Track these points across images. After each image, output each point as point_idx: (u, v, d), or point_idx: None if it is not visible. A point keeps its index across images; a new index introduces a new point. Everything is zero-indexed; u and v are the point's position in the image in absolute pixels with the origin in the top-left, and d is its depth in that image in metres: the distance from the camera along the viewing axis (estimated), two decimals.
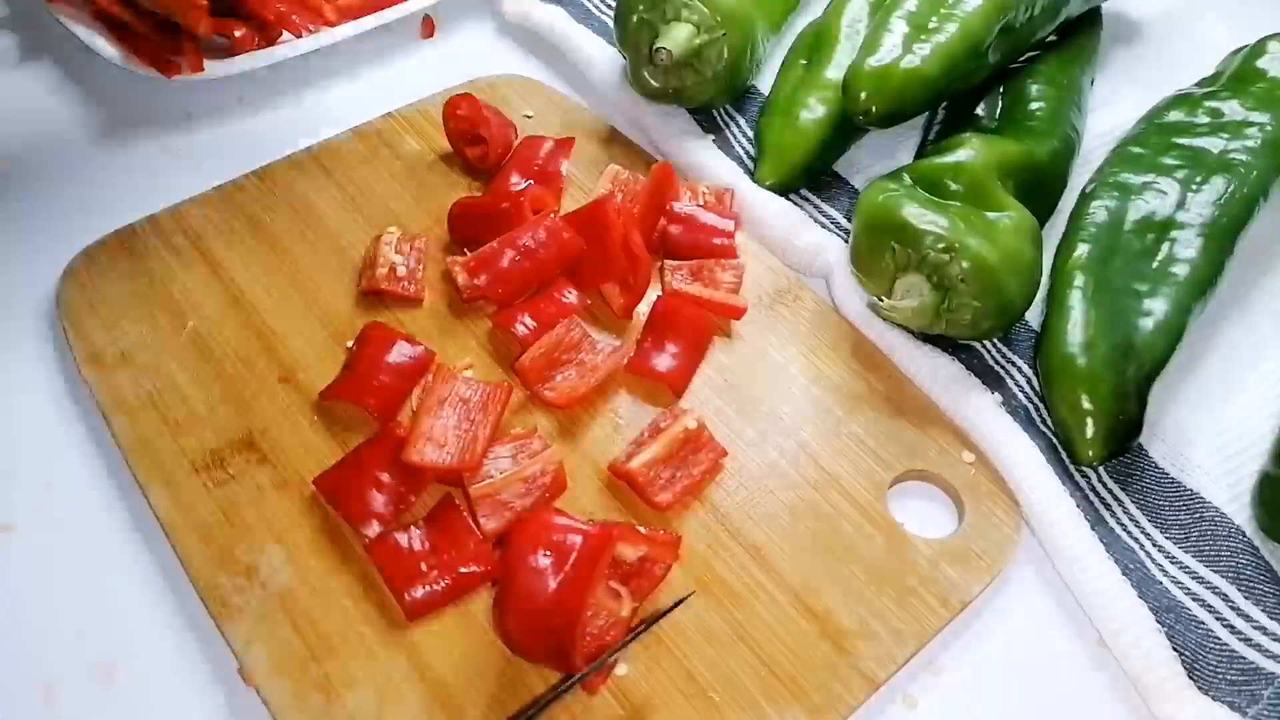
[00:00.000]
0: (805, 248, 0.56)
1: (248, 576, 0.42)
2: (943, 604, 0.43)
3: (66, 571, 0.44)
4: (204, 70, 0.61)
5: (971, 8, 0.53)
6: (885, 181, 0.50)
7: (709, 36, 0.58)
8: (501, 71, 0.66)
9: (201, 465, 0.45)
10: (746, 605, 0.42)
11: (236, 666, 0.40)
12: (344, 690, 0.39)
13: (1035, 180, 0.53)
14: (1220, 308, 0.54)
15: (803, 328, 0.53)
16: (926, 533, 0.45)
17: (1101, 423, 0.45)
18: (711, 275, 0.53)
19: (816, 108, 0.58)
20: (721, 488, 0.46)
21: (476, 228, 0.53)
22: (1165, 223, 0.51)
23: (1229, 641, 0.42)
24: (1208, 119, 0.56)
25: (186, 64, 0.61)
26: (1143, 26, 0.72)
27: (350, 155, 0.60)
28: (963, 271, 0.47)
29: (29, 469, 0.47)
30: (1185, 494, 0.47)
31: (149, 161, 0.61)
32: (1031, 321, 0.53)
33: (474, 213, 0.54)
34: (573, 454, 0.46)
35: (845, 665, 0.41)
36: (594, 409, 0.48)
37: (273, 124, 0.64)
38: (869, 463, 0.47)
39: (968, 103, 0.58)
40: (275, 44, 0.64)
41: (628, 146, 0.62)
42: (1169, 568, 0.44)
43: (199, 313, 0.51)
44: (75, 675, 0.41)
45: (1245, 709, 0.40)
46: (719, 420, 0.48)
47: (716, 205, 0.57)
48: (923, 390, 0.50)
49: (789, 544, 0.44)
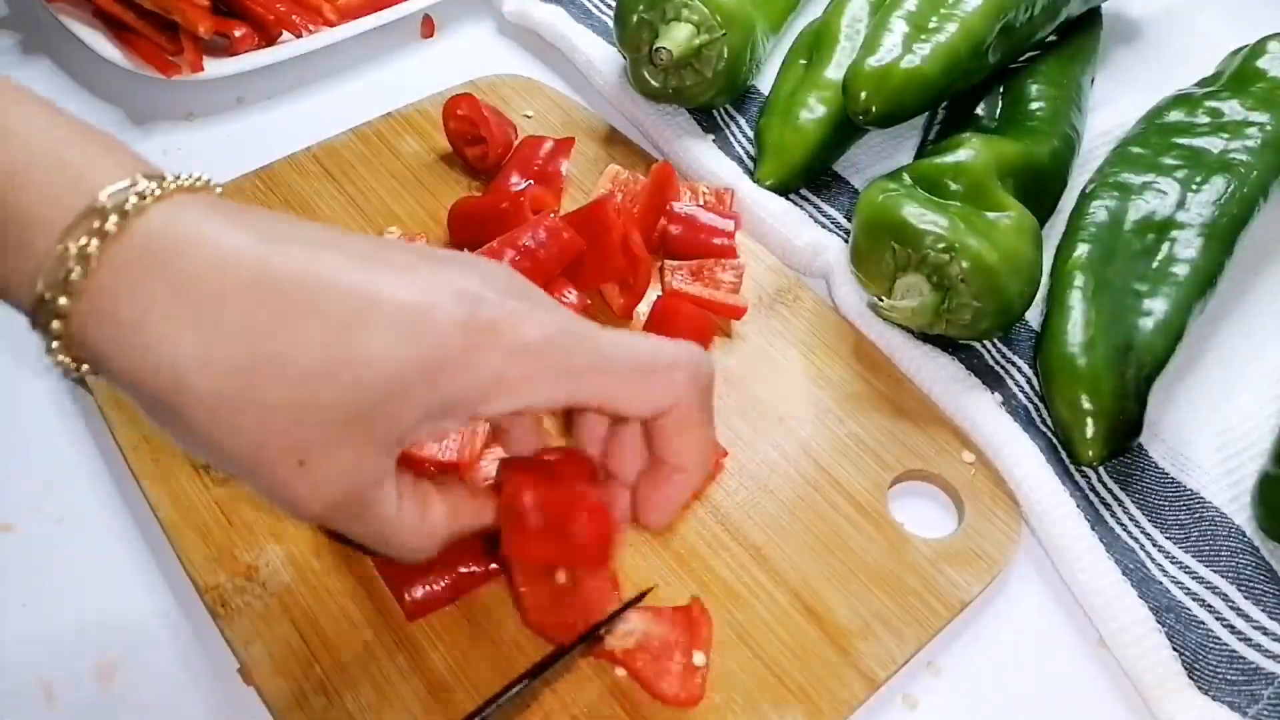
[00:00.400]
0: (805, 248, 0.56)
1: (248, 576, 0.42)
2: (943, 604, 0.43)
3: (66, 571, 0.44)
4: (204, 70, 0.61)
5: (971, 8, 0.53)
6: (885, 181, 0.50)
7: (709, 36, 0.58)
8: (501, 71, 0.66)
9: (201, 465, 0.45)
10: (746, 605, 0.42)
11: (237, 666, 0.40)
12: (344, 690, 0.39)
13: (1035, 180, 0.53)
14: (1220, 308, 0.54)
15: (803, 328, 0.53)
16: (926, 533, 0.45)
17: (1101, 423, 0.45)
18: (712, 275, 0.53)
19: (816, 108, 0.58)
20: (721, 488, 0.46)
21: (476, 228, 0.53)
22: (1165, 223, 0.51)
23: (1229, 641, 0.42)
24: (1208, 119, 0.56)
25: (186, 64, 0.61)
26: (1143, 26, 0.72)
27: (350, 155, 0.60)
28: (963, 271, 0.47)
29: (29, 469, 0.47)
30: (1185, 494, 0.47)
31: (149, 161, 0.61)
32: (1031, 321, 0.53)
33: (474, 213, 0.54)
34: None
35: (845, 665, 0.41)
36: None
37: (273, 124, 0.64)
38: (869, 463, 0.47)
39: (968, 103, 0.58)
40: (275, 44, 0.64)
41: (628, 146, 0.62)
42: (1169, 568, 0.44)
43: None
44: (75, 675, 0.41)
45: (1245, 709, 0.40)
46: (719, 420, 0.48)
47: (716, 205, 0.57)
48: (923, 390, 0.51)
49: (789, 544, 0.44)
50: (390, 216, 0.56)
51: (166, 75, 0.60)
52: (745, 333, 0.52)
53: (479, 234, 0.52)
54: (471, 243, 0.52)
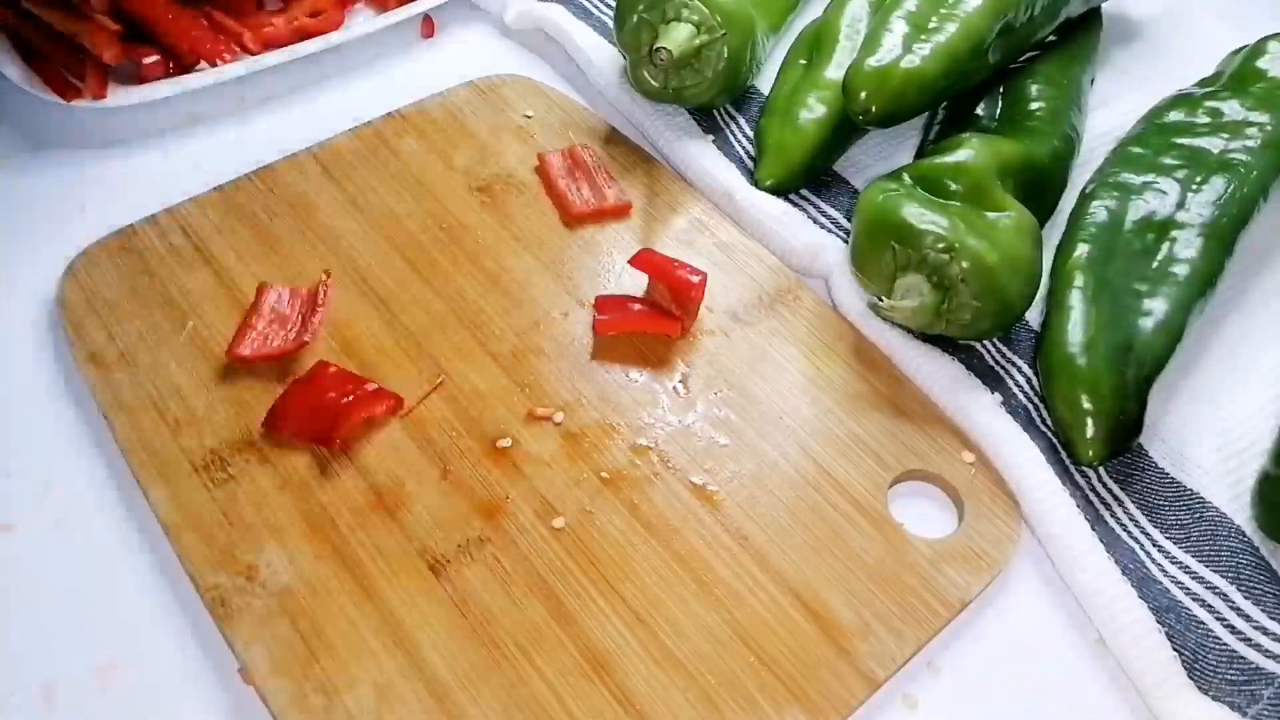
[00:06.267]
0: (805, 248, 0.56)
1: (248, 576, 0.42)
2: (943, 604, 0.43)
3: (66, 571, 0.44)
4: (106, 96, 0.60)
5: (971, 8, 0.53)
6: (885, 181, 0.50)
7: (709, 36, 0.58)
8: (501, 71, 0.66)
9: (201, 465, 0.45)
10: (746, 605, 0.42)
11: (237, 666, 0.40)
12: (344, 690, 0.39)
13: (1035, 180, 0.53)
14: (1220, 308, 0.54)
15: (803, 328, 0.53)
16: (926, 533, 0.45)
17: (1101, 422, 0.45)
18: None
19: (816, 108, 0.58)
20: (722, 488, 0.46)
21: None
22: (1165, 223, 0.51)
23: (1229, 641, 0.42)
24: (1208, 119, 0.56)
25: (88, 89, 0.60)
26: (1143, 26, 0.72)
27: (350, 155, 0.60)
28: (963, 271, 0.47)
29: (28, 469, 0.47)
30: (1185, 494, 0.47)
31: (149, 161, 0.61)
32: (1031, 321, 0.53)
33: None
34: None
35: (845, 665, 0.41)
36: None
37: (272, 124, 0.64)
38: (869, 463, 0.47)
39: (968, 103, 0.58)
40: (190, 73, 0.63)
41: (628, 146, 0.62)
42: (1169, 568, 0.44)
43: (199, 313, 0.51)
44: (75, 675, 0.41)
45: (1245, 709, 0.40)
46: (718, 420, 0.48)
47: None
48: (923, 390, 0.51)
49: (789, 544, 0.44)
50: (390, 216, 0.56)
51: (66, 100, 0.59)
52: (745, 333, 0.52)
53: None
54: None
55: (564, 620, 0.41)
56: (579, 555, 0.43)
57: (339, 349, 0.50)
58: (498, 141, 0.61)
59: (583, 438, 0.47)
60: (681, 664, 0.40)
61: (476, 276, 0.54)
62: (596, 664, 0.40)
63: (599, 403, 0.49)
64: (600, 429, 0.48)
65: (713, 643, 0.41)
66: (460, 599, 0.42)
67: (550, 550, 0.43)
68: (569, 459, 0.47)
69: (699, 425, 0.48)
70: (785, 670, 0.41)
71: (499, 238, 0.56)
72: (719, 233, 0.57)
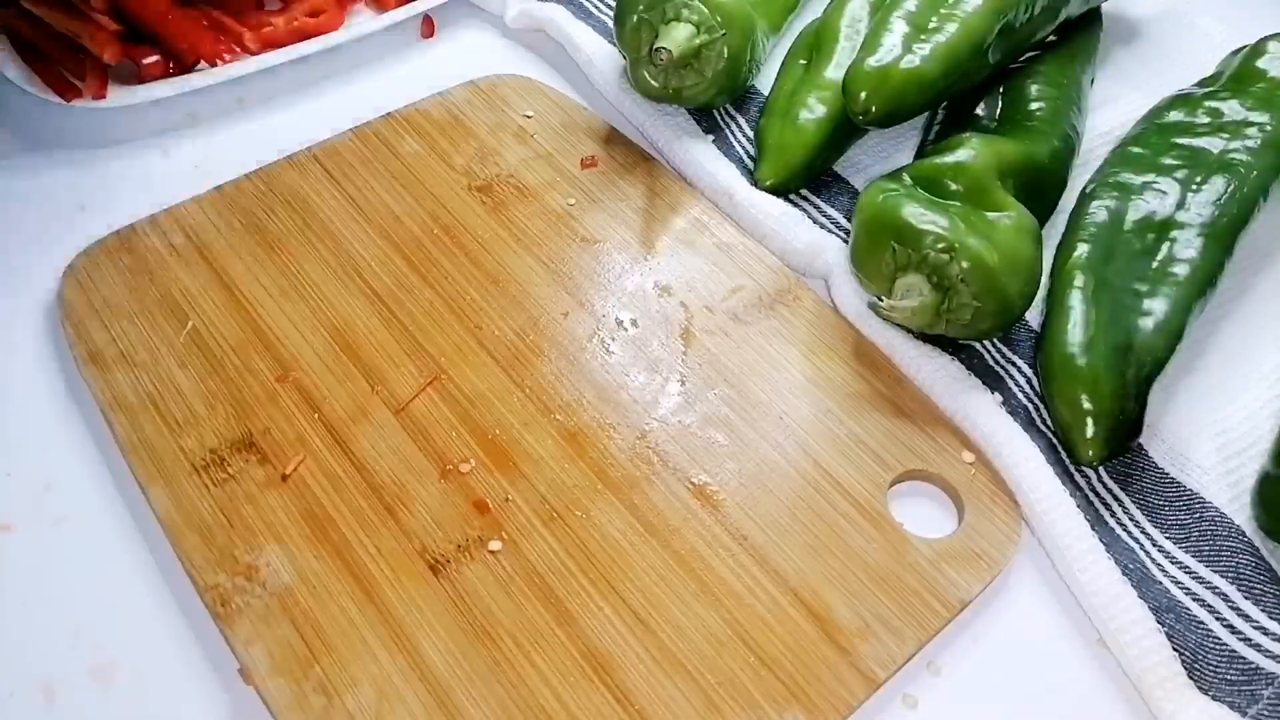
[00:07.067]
0: (805, 248, 0.56)
1: (248, 576, 0.42)
2: (943, 604, 0.43)
3: (66, 571, 0.44)
4: (106, 96, 0.60)
5: (971, 8, 0.53)
6: (885, 181, 0.50)
7: (709, 36, 0.58)
8: (501, 71, 0.66)
9: (201, 465, 0.45)
10: (746, 605, 0.42)
11: (237, 666, 0.40)
12: (344, 690, 0.39)
13: (1035, 180, 0.53)
14: (1220, 308, 0.54)
15: (803, 328, 0.53)
16: (926, 533, 0.45)
17: (1101, 423, 0.45)
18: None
19: (816, 108, 0.58)
20: (722, 487, 0.46)
21: None
22: (1165, 223, 0.51)
23: (1229, 641, 0.42)
24: (1208, 119, 0.56)
25: (88, 89, 0.60)
26: (1143, 26, 0.72)
27: (350, 155, 0.60)
28: (963, 271, 0.47)
29: (28, 469, 0.47)
30: (1185, 494, 0.47)
31: (149, 162, 0.61)
32: (1031, 321, 0.53)
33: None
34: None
35: (845, 665, 0.41)
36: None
37: (272, 124, 0.64)
38: (869, 463, 0.47)
39: (968, 103, 0.58)
40: (190, 73, 0.63)
41: (628, 146, 0.62)
42: (1169, 568, 0.44)
43: (199, 313, 0.51)
44: (75, 675, 0.41)
45: (1245, 709, 0.40)
46: (718, 419, 0.48)
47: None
48: (923, 390, 0.51)
49: (789, 544, 0.44)
50: (390, 216, 0.56)
51: (67, 100, 0.59)
52: (745, 333, 0.52)
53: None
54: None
55: (564, 620, 0.41)
56: (579, 555, 0.43)
57: (338, 349, 0.50)
58: (498, 141, 0.61)
59: (582, 437, 0.47)
60: (681, 664, 0.40)
61: (476, 276, 0.54)
62: (596, 664, 0.40)
63: (598, 402, 0.49)
64: (599, 428, 0.48)
65: (712, 643, 0.41)
66: (460, 599, 0.42)
67: (550, 550, 0.43)
68: (568, 459, 0.47)
69: (698, 425, 0.48)
70: (785, 670, 0.41)
71: (499, 238, 0.56)
72: (719, 233, 0.57)
